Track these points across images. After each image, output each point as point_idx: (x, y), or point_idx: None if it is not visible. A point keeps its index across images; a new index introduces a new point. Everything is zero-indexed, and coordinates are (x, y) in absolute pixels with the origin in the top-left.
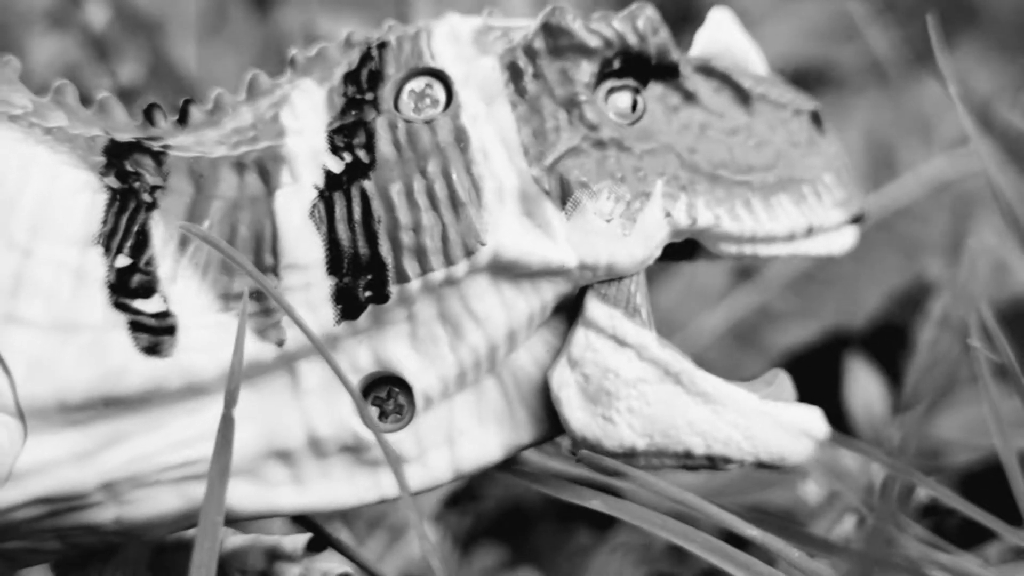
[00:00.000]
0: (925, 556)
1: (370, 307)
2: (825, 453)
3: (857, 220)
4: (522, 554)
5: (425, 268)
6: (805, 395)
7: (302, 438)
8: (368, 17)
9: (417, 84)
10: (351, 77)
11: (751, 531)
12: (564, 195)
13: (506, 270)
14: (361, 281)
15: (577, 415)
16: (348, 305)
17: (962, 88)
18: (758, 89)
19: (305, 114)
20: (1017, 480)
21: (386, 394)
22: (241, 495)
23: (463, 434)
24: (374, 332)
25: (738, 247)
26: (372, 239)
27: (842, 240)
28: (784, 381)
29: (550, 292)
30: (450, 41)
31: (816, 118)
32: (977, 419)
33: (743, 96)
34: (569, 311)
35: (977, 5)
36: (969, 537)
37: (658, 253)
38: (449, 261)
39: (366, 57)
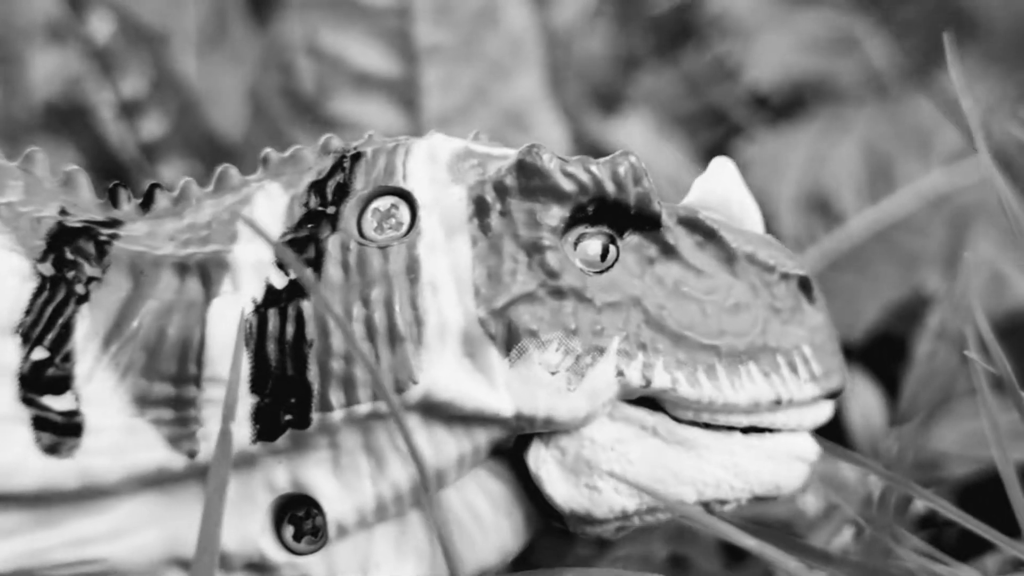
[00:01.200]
0: (923, 568)
1: (289, 430)
2: (823, 465)
3: (835, 396)
4: (522, 566)
5: (351, 400)
6: None
7: None
8: (370, 28)
9: (383, 203)
10: (317, 187)
11: (749, 542)
12: (510, 341)
13: (438, 411)
14: (283, 404)
15: (560, 490)
16: (266, 426)
17: (964, 101)
18: (745, 248)
19: (263, 220)
20: (1015, 492)
21: (304, 513)
22: None
23: (379, 567)
24: (294, 454)
25: (695, 414)
26: (301, 362)
27: (815, 415)
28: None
29: (484, 437)
30: (427, 162)
31: (805, 285)
32: (975, 431)
33: (728, 254)
34: (508, 455)
35: (976, 18)
36: (967, 549)
37: (604, 411)
38: (377, 396)
39: (336, 167)
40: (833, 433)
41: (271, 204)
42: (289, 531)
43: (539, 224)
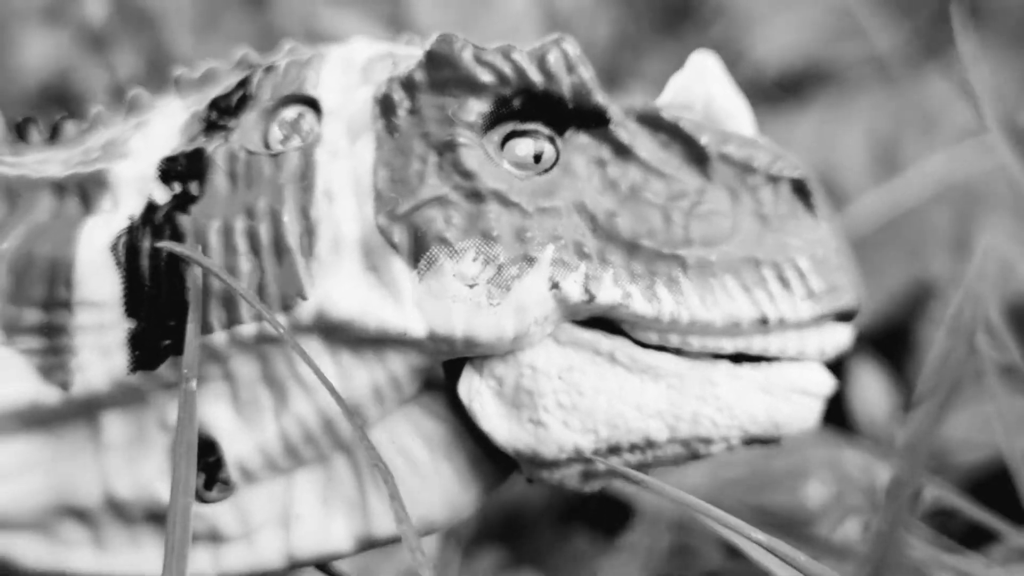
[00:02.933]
0: (931, 557)
1: (172, 358)
2: (829, 453)
3: (846, 317)
4: (523, 556)
5: (233, 319)
6: None
7: (98, 497)
8: (368, 9)
9: (289, 113)
10: (219, 101)
11: (755, 534)
12: (417, 251)
13: (340, 333)
14: (161, 327)
15: (500, 426)
16: (145, 353)
17: (976, 78)
18: (722, 148)
19: (157, 137)
20: (1022, 480)
21: (216, 460)
22: (28, 551)
23: (300, 518)
24: None
25: (659, 335)
26: (178, 281)
27: (822, 340)
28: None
29: (400, 364)
30: (341, 68)
31: (801, 189)
32: (981, 416)
33: (697, 154)
34: (447, 390)
35: (980, 1)
36: (974, 538)
37: (541, 332)
38: (260, 315)
39: (244, 81)
40: (838, 420)
41: (169, 121)
42: (200, 479)
43: (452, 121)
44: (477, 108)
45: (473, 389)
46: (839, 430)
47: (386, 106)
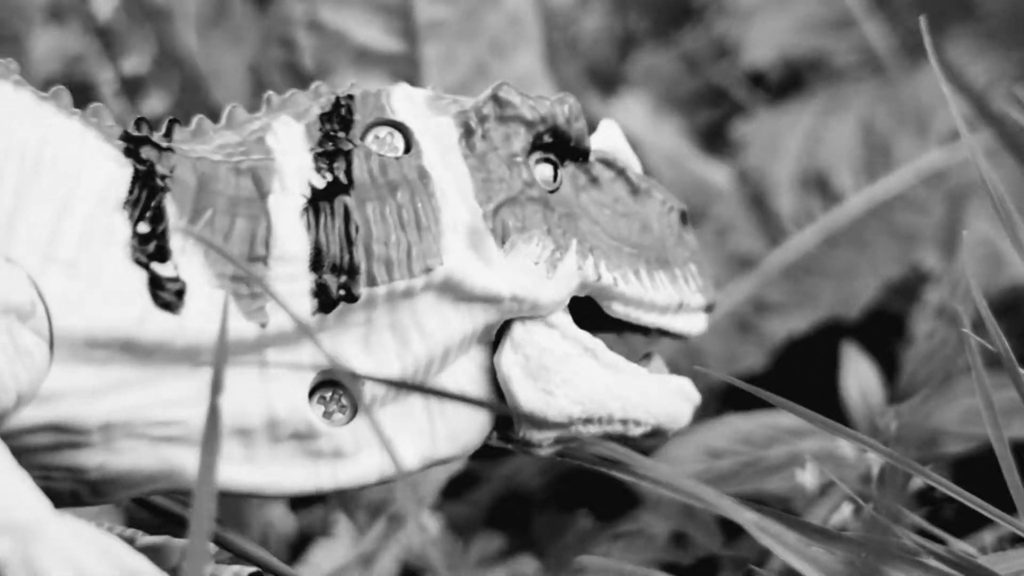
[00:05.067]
0: (921, 543)
1: (342, 304)
2: (822, 441)
3: (709, 309)
4: (521, 542)
5: (391, 277)
6: (802, 384)
7: (263, 419)
8: (371, 4)
9: (381, 132)
10: (326, 117)
11: (748, 516)
12: (504, 235)
13: (452, 291)
14: (337, 280)
15: (524, 391)
16: (324, 300)
17: (956, 80)
18: (644, 184)
19: (287, 140)
20: (1010, 468)
21: (331, 393)
22: (194, 464)
23: (390, 442)
24: (336, 331)
25: (624, 309)
26: (350, 245)
27: (698, 323)
28: (658, 360)
29: (481, 318)
30: (407, 101)
31: (684, 216)
32: (973, 408)
33: (633, 188)
34: (489, 346)
35: None
36: (964, 524)
37: (567, 300)
38: (411, 274)
39: (337, 103)
40: (831, 410)
41: (289, 129)
42: (319, 410)
43: (512, 144)
44: (525, 137)
45: (509, 362)
46: (832, 419)
47: (467, 130)
